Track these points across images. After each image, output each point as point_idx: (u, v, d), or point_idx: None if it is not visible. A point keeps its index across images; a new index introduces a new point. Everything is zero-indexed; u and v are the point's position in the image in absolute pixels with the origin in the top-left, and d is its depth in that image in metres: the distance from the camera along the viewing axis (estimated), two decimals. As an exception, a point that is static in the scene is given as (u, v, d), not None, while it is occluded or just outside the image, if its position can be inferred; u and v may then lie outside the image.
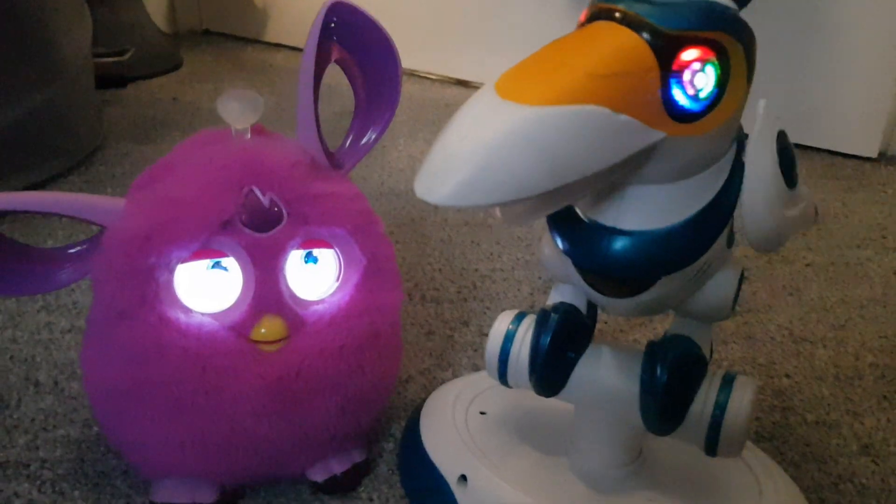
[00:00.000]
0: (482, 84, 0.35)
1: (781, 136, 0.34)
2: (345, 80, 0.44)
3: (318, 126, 0.41)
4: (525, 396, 0.42)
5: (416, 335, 0.58)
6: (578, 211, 0.34)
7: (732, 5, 0.30)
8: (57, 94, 0.80)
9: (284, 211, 0.39)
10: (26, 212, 0.38)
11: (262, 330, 0.38)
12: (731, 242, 0.35)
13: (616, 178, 0.30)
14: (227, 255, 0.38)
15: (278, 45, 1.35)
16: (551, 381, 0.39)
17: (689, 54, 0.28)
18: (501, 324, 0.41)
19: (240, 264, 0.38)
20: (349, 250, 0.41)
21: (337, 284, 0.41)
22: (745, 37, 0.30)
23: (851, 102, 0.98)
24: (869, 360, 0.58)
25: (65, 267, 0.41)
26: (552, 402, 0.41)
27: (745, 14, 0.31)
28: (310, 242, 0.40)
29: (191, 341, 0.37)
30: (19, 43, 0.76)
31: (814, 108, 0.99)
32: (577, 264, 0.34)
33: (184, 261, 0.37)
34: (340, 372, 0.40)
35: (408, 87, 1.17)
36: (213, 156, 0.39)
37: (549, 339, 0.38)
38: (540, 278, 0.67)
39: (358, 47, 0.43)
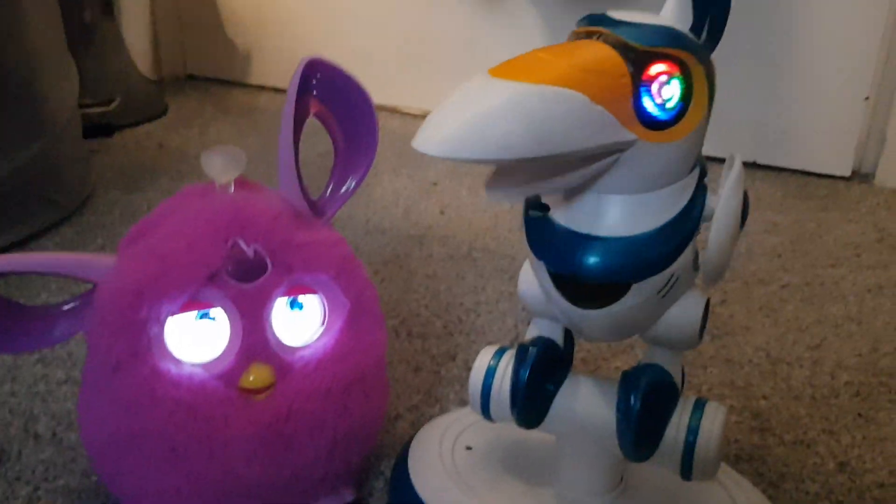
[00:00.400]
0: None
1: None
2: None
3: (300, 178, 0.43)
4: (509, 429, 0.43)
5: (403, 372, 0.60)
6: (553, 219, 0.36)
7: (695, 38, 0.34)
8: (46, 148, 0.82)
9: (269, 261, 0.40)
10: (22, 273, 0.40)
11: (251, 377, 0.40)
12: (696, 266, 0.37)
13: (594, 176, 0.34)
14: (215, 306, 0.40)
15: (261, 87, 1.37)
16: (532, 414, 0.41)
17: (656, 68, 0.33)
18: (483, 360, 0.43)
19: (227, 314, 0.40)
20: (333, 295, 0.42)
21: (322, 329, 0.43)
22: (706, 61, 0.34)
23: (823, 122, 1.00)
24: (844, 379, 0.60)
25: (59, 323, 0.42)
26: (536, 434, 0.42)
27: None
28: (295, 289, 0.41)
29: (182, 392, 0.39)
30: (7, 99, 0.78)
31: (787, 129, 1.02)
32: (552, 271, 0.36)
33: (173, 313, 0.39)
34: (328, 414, 0.41)
35: (390, 124, 1.20)
36: (197, 210, 0.41)
37: (527, 372, 0.40)
38: (523, 310, 0.68)
39: (335, 101, 0.45)
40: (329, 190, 0.47)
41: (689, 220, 0.35)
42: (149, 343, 0.39)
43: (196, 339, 0.40)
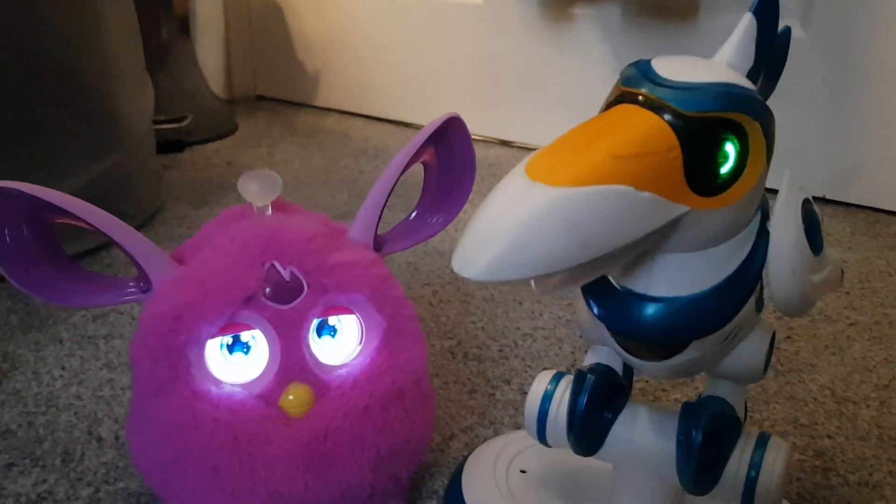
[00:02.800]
0: (524, 144, 0.37)
1: (806, 204, 0.35)
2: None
3: (381, 214, 0.44)
4: (565, 455, 0.43)
5: (458, 393, 0.60)
6: (611, 278, 0.35)
7: (751, 85, 0.32)
8: (121, 161, 0.85)
9: (304, 282, 0.41)
10: (92, 225, 0.40)
11: (290, 397, 0.41)
12: (759, 307, 0.36)
13: (644, 248, 0.32)
14: (253, 328, 0.41)
15: (328, 110, 1.40)
16: (589, 441, 0.40)
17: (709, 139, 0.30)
18: (540, 384, 0.43)
19: (265, 336, 0.41)
20: (369, 314, 0.43)
21: (359, 348, 0.43)
22: (762, 117, 0.32)
23: (895, 159, 0.98)
24: (913, 421, 0.58)
25: (105, 291, 0.42)
26: (592, 462, 0.42)
27: (790, 67, 0.33)
28: (330, 310, 0.42)
29: (222, 412, 0.40)
30: (86, 114, 0.81)
31: (858, 165, 1.00)
32: (610, 329, 0.36)
33: (212, 336, 0.40)
34: (367, 431, 0.42)
35: (453, 148, 1.20)
36: (235, 235, 0.42)
37: (585, 399, 0.39)
38: (580, 336, 0.68)
39: (448, 158, 0.47)
40: (397, 231, 0.48)
41: (751, 272, 0.34)
42: (188, 366, 0.40)
43: (236, 359, 0.41)
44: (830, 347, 0.68)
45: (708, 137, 0.31)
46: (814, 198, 0.36)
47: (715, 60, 0.34)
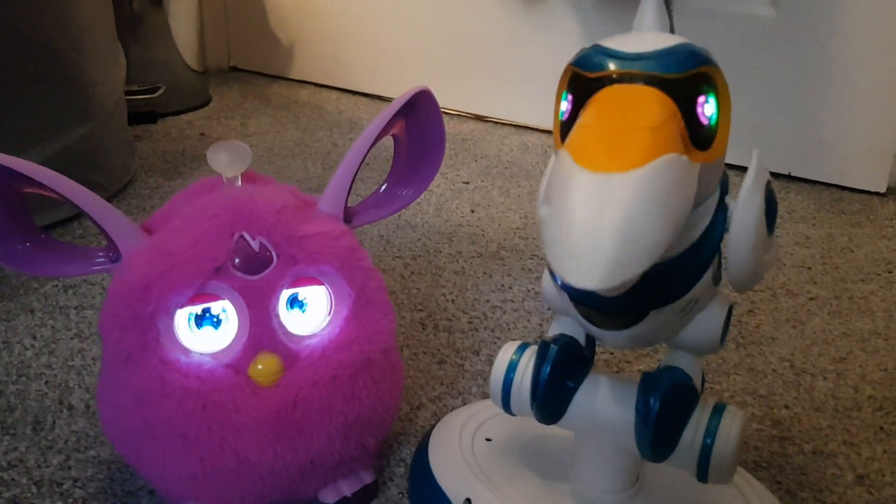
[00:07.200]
0: (498, 119, 0.37)
1: (768, 185, 0.37)
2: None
3: (350, 185, 0.45)
4: (529, 424, 0.44)
5: (427, 363, 0.61)
6: None
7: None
8: (93, 131, 0.84)
9: (274, 253, 0.42)
10: (58, 193, 0.40)
11: (259, 366, 0.41)
12: (717, 280, 0.37)
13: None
14: (222, 299, 0.41)
15: (303, 82, 1.39)
16: (551, 409, 0.42)
17: (701, 96, 0.33)
18: (505, 354, 0.44)
19: (234, 306, 0.41)
20: (338, 285, 0.44)
21: (328, 319, 0.44)
22: (719, 67, 0.34)
23: (860, 137, 1.00)
24: (868, 393, 0.60)
25: (74, 261, 0.43)
26: (555, 430, 0.43)
27: (758, 45, 0.35)
28: (300, 281, 0.43)
29: (191, 380, 0.40)
30: (56, 83, 0.80)
31: (822, 142, 1.01)
32: (572, 299, 0.37)
33: (181, 306, 0.41)
34: (336, 400, 0.42)
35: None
36: (204, 205, 0.42)
37: (548, 368, 0.40)
38: (549, 309, 0.69)
39: (417, 132, 0.47)
40: (367, 203, 0.48)
41: (708, 245, 0.35)
42: (157, 335, 0.40)
43: (205, 329, 0.41)
44: (791, 321, 0.70)
45: (693, 93, 0.32)
46: (779, 174, 0.37)
47: (648, 32, 0.35)
